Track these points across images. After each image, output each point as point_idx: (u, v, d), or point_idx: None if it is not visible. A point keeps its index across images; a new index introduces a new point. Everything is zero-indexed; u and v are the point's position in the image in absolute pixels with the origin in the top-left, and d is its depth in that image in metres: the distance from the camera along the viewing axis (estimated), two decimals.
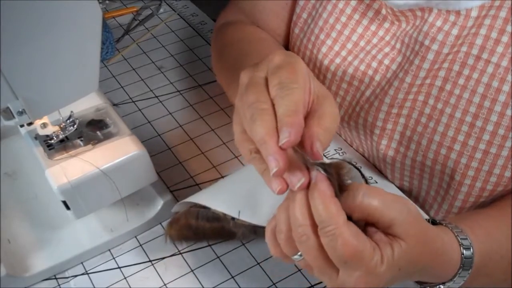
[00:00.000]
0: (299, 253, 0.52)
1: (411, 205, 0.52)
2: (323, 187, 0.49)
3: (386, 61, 0.73)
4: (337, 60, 0.76)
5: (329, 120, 0.52)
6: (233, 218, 0.66)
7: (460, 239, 0.58)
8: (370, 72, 0.74)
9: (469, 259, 0.57)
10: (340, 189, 0.50)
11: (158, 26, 1.12)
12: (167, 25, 1.12)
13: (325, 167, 0.50)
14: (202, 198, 0.70)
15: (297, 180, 0.49)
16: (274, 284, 0.69)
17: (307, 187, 0.49)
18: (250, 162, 0.53)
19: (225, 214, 0.67)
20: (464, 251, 0.57)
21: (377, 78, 0.73)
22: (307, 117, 0.52)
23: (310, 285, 0.69)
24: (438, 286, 0.59)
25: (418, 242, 0.51)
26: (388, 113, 0.72)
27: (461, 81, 0.67)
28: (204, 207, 0.68)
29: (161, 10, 1.16)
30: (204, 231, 0.70)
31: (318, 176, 0.49)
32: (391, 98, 0.71)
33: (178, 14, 1.15)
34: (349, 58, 0.76)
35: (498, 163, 0.66)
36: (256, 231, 0.67)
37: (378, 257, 0.49)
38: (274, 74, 0.51)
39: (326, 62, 0.78)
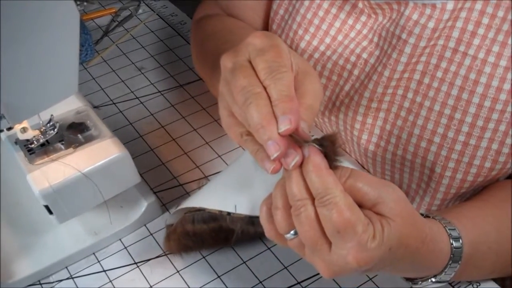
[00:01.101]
0: (292, 232, 0.52)
1: (397, 188, 0.53)
2: (317, 160, 0.50)
3: (364, 55, 0.73)
4: (316, 55, 0.77)
5: (311, 97, 0.53)
6: (229, 214, 0.66)
7: (449, 229, 0.58)
8: (348, 66, 0.74)
9: (458, 250, 0.58)
10: (336, 158, 0.52)
11: (137, 27, 1.11)
12: (147, 25, 1.12)
13: (320, 142, 0.51)
14: (195, 201, 0.69)
15: (292, 159, 0.50)
16: (260, 282, 0.69)
17: (301, 164, 0.50)
18: (241, 144, 0.54)
19: (221, 212, 0.67)
20: (453, 242, 0.58)
21: (356, 72, 0.74)
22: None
23: (296, 282, 0.69)
24: (429, 279, 0.59)
25: (406, 223, 0.52)
26: (368, 108, 0.73)
27: (439, 74, 0.67)
28: (199, 210, 0.68)
29: (140, 11, 1.15)
30: (203, 236, 0.69)
31: (311, 150, 0.50)
32: (370, 92, 0.72)
33: (157, 14, 1.14)
34: (328, 53, 0.76)
35: (478, 154, 0.67)
36: (254, 222, 0.67)
37: (370, 231, 0.49)
38: (259, 57, 0.51)
39: (305, 57, 0.78)
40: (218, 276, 0.70)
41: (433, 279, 0.59)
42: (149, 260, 0.72)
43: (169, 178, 0.82)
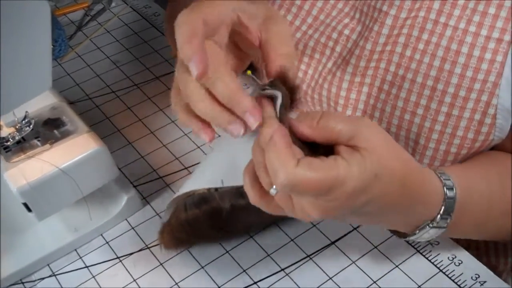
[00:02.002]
0: (274, 187, 0.52)
1: (373, 122, 0.53)
2: (275, 136, 0.50)
3: (346, 31, 0.73)
4: (298, 35, 0.77)
5: (283, 44, 0.54)
6: (216, 189, 0.66)
7: (444, 179, 0.59)
8: (330, 43, 0.74)
9: (451, 200, 0.59)
10: (294, 96, 0.52)
11: (111, 21, 1.10)
12: (120, 18, 1.11)
13: (273, 84, 0.52)
14: (184, 188, 0.69)
15: (254, 121, 0.51)
16: (244, 271, 0.69)
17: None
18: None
19: (209, 190, 0.66)
20: (447, 191, 0.58)
21: (338, 49, 0.74)
22: (262, 49, 0.54)
23: (280, 269, 0.69)
24: (426, 225, 0.59)
25: (387, 149, 0.52)
26: (351, 82, 0.73)
27: (421, 46, 0.68)
28: (190, 196, 0.68)
29: (113, 4, 1.14)
30: (197, 224, 0.68)
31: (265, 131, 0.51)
32: (353, 67, 0.72)
33: (130, 7, 1.13)
34: (309, 32, 0.76)
35: (461, 125, 0.68)
36: (242, 194, 0.66)
37: (343, 165, 0.49)
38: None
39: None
40: (202, 267, 0.70)
41: (431, 225, 0.59)
42: (131, 254, 0.72)
43: (148, 171, 0.81)
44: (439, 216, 0.59)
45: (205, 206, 0.68)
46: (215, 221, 0.69)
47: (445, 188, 0.59)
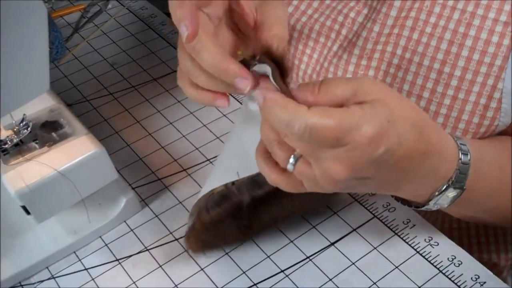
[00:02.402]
0: (291, 158, 0.52)
1: (372, 79, 0.53)
2: (270, 96, 0.50)
3: (352, 14, 0.73)
4: (303, 19, 0.77)
5: (276, 26, 0.54)
6: (233, 183, 0.66)
7: (460, 144, 0.58)
8: (336, 26, 0.74)
9: (466, 155, 0.58)
10: (283, 67, 0.53)
11: (107, 22, 1.10)
12: (117, 20, 1.11)
13: (261, 60, 0.53)
14: (204, 189, 0.68)
15: (245, 85, 0.52)
16: (244, 272, 0.69)
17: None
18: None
19: (226, 185, 0.66)
20: (461, 153, 0.58)
21: (344, 32, 0.74)
22: (256, 30, 0.55)
23: (280, 270, 0.69)
24: (445, 185, 0.58)
25: (399, 101, 0.52)
26: (358, 65, 0.73)
27: (428, 29, 0.68)
28: (209, 196, 0.67)
29: (110, 6, 1.14)
30: (221, 223, 0.68)
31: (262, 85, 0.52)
32: (360, 49, 0.72)
33: (127, 8, 1.13)
34: (315, 16, 0.76)
35: (466, 109, 0.68)
36: (258, 181, 0.66)
37: (356, 111, 0.49)
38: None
39: (292, 21, 0.78)
40: (201, 269, 0.70)
41: (449, 182, 0.58)
42: (130, 256, 0.72)
43: (147, 173, 0.81)
44: (456, 172, 0.58)
45: (226, 203, 0.67)
46: (238, 217, 0.68)
47: (460, 149, 0.58)
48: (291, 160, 0.52)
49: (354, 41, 0.73)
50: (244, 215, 0.68)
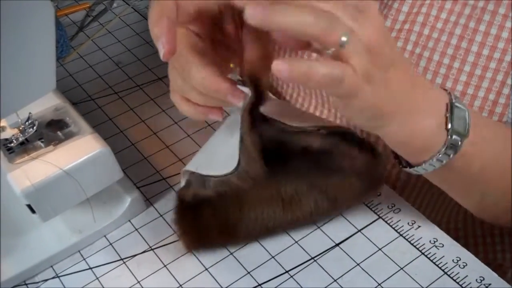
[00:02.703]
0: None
1: None
2: None
3: None
4: None
5: (259, 43, 0.54)
6: (192, 173, 0.67)
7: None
8: None
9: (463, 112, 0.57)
10: (260, 98, 0.57)
11: (112, 21, 1.10)
12: (122, 19, 1.10)
13: (244, 82, 0.55)
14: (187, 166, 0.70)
15: (238, 100, 0.54)
16: (248, 273, 0.69)
17: None
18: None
19: (191, 173, 0.68)
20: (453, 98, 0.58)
21: None
22: (241, 47, 0.55)
23: (284, 271, 0.69)
24: (448, 135, 0.57)
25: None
26: None
27: (439, 25, 0.68)
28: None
29: (115, 5, 1.13)
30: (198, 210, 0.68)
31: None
32: None
33: (132, 7, 1.13)
34: None
35: (475, 105, 0.68)
36: (205, 183, 0.67)
37: None
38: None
39: None
40: (206, 269, 0.70)
41: (454, 101, 0.57)
42: (135, 255, 0.72)
43: (151, 172, 0.81)
44: (450, 106, 0.57)
45: (190, 189, 0.68)
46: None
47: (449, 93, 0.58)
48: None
49: None
50: (198, 209, 0.68)
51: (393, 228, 0.71)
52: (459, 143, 0.57)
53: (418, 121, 0.57)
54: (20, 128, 0.69)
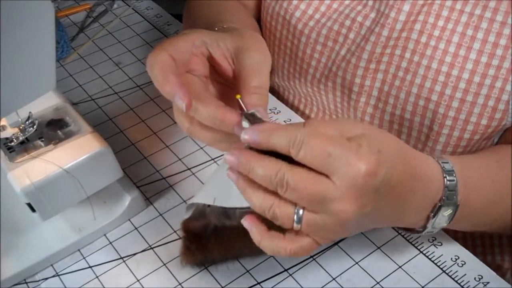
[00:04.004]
0: (297, 212, 0.52)
1: (350, 120, 0.54)
2: (262, 127, 0.52)
3: (359, 18, 0.74)
4: (311, 23, 0.77)
5: (252, 76, 0.55)
6: (208, 206, 0.66)
7: (442, 163, 0.59)
8: (343, 31, 0.75)
9: (453, 182, 0.58)
10: None
11: (113, 22, 1.10)
12: (122, 20, 1.11)
13: (245, 117, 0.54)
14: (191, 199, 0.68)
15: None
16: (247, 271, 0.69)
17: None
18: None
19: (204, 205, 0.66)
20: (446, 175, 0.58)
21: (351, 36, 0.74)
22: (236, 80, 0.56)
23: (283, 269, 0.69)
24: (438, 206, 0.58)
25: (378, 132, 0.53)
26: (366, 69, 0.73)
27: (436, 33, 0.68)
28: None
29: (115, 6, 1.14)
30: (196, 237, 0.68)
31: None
32: (369, 53, 0.72)
33: (132, 8, 1.13)
34: (323, 20, 0.77)
35: (475, 111, 0.68)
36: (228, 213, 0.66)
37: (352, 142, 0.50)
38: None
39: (299, 26, 0.78)
40: (205, 267, 0.70)
41: (440, 203, 0.58)
42: (135, 254, 0.72)
43: (151, 171, 0.82)
44: (444, 190, 0.58)
45: (202, 221, 0.67)
46: (203, 237, 0.68)
47: (443, 168, 0.59)
48: (296, 211, 0.52)
49: (362, 45, 0.73)
50: (207, 238, 0.67)
51: (392, 227, 0.71)
52: (445, 224, 0.61)
53: (403, 222, 0.60)
54: (21, 127, 0.70)
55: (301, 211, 0.52)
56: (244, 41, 0.57)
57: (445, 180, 0.58)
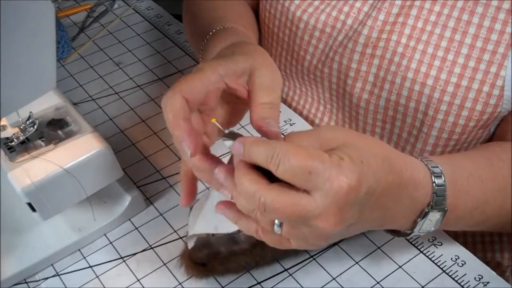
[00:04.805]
0: (277, 222, 0.52)
1: (330, 126, 0.54)
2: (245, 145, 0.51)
3: (358, 4, 0.74)
4: (310, 10, 0.78)
5: (263, 93, 0.56)
6: (213, 235, 0.66)
7: (431, 167, 0.58)
8: (342, 16, 0.75)
9: (441, 187, 0.57)
10: None
11: (113, 22, 1.10)
12: (123, 20, 1.11)
13: (231, 134, 0.55)
14: (190, 230, 0.67)
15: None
16: (248, 271, 0.69)
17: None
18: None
19: (207, 234, 0.66)
20: (435, 179, 0.57)
21: (349, 22, 0.75)
22: (249, 98, 0.56)
23: (283, 269, 0.69)
24: (425, 210, 0.57)
25: (360, 141, 0.52)
26: (363, 54, 0.74)
27: (432, 18, 0.69)
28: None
29: (116, 6, 1.14)
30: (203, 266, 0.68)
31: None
32: (365, 38, 0.73)
33: (133, 9, 1.14)
34: (322, 6, 0.78)
35: (469, 96, 0.68)
36: (236, 239, 0.66)
37: (334, 156, 0.49)
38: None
39: (298, 13, 0.79)
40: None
41: (428, 208, 0.57)
42: (135, 254, 0.72)
43: (152, 171, 0.82)
44: (432, 196, 0.57)
45: (207, 250, 0.67)
46: (216, 263, 0.68)
47: (432, 173, 0.58)
48: (277, 222, 0.52)
49: (359, 30, 0.73)
50: (219, 263, 0.68)
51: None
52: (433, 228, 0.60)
53: (389, 226, 0.59)
54: (21, 127, 0.70)
55: (280, 223, 0.52)
56: (257, 61, 0.58)
57: (434, 185, 0.57)
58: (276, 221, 0.52)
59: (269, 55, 0.61)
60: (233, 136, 0.54)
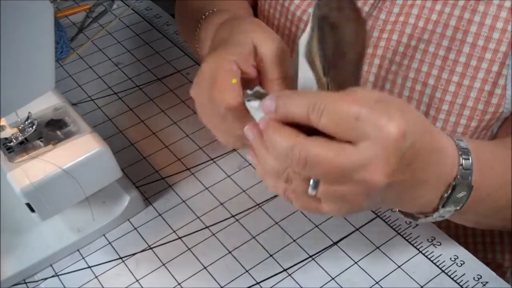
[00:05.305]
0: (312, 184, 0.49)
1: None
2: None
3: (359, 3, 0.74)
4: (310, 10, 0.77)
5: (272, 68, 0.56)
6: None
7: (457, 140, 0.55)
8: None
9: (467, 160, 0.55)
10: None
11: (112, 22, 1.10)
12: (122, 20, 1.11)
13: (256, 93, 0.53)
14: None
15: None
16: (247, 271, 0.69)
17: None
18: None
19: None
20: (462, 152, 0.55)
21: None
22: (258, 73, 0.56)
23: (282, 269, 0.69)
24: (452, 184, 0.54)
25: (397, 98, 0.50)
26: None
27: (434, 17, 0.69)
28: None
29: (115, 6, 1.14)
30: None
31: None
32: None
33: (132, 9, 1.14)
34: None
35: (471, 96, 0.68)
36: None
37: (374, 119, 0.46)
38: None
39: (298, 13, 0.79)
40: (204, 267, 0.70)
41: (454, 182, 0.54)
42: (134, 254, 0.72)
43: (151, 172, 0.82)
44: (459, 168, 0.54)
45: None
46: None
47: (458, 145, 0.55)
48: (311, 183, 0.49)
49: None
50: None
51: (391, 227, 0.72)
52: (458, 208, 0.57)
53: (418, 200, 0.56)
54: (20, 128, 0.70)
55: (315, 182, 0.49)
56: (255, 34, 0.57)
57: (461, 158, 0.54)
58: (311, 182, 0.49)
59: (265, 24, 0.60)
60: (259, 95, 0.52)
